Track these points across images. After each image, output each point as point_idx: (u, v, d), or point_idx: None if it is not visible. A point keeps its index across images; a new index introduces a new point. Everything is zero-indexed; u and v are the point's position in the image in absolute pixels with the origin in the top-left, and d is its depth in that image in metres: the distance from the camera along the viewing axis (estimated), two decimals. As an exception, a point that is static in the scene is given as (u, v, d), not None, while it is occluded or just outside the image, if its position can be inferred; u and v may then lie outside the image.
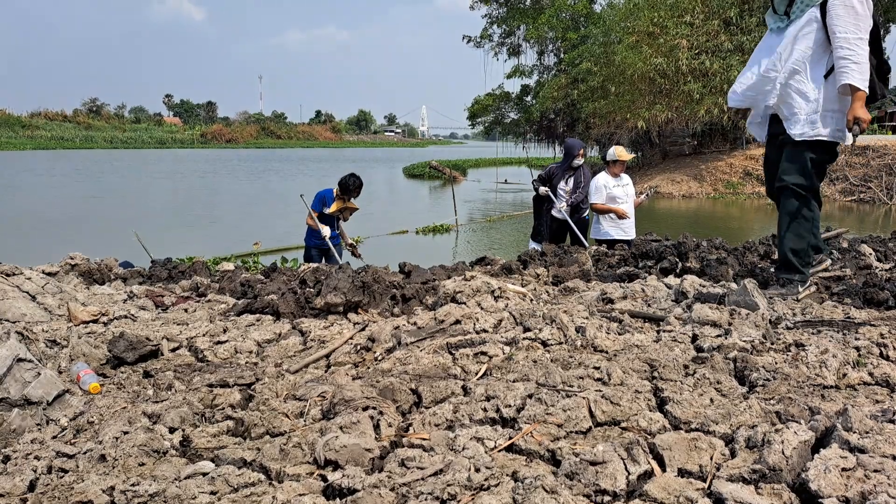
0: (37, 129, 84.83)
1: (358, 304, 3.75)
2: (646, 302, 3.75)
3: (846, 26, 3.45)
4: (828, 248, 4.28)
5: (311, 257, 8.11)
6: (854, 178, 25.98)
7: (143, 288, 4.57)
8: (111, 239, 14.25)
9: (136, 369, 2.98)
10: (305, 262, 8.12)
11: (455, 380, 2.60)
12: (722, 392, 2.40)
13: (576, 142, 8.10)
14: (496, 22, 42.45)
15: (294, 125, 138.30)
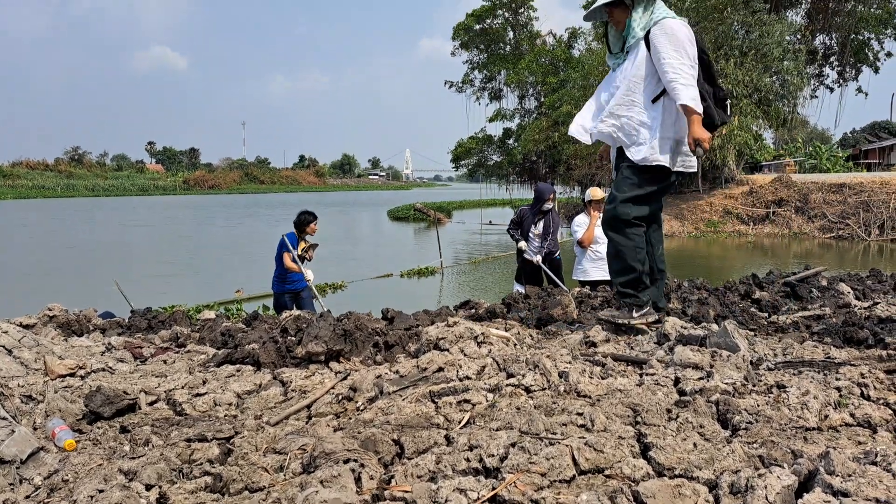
0: (18, 179, 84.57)
1: (340, 352, 3.72)
2: (628, 345, 3.75)
3: (668, 52, 3.54)
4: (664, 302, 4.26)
5: (284, 304, 8.05)
6: (832, 215, 26.36)
7: (121, 339, 4.52)
8: (92, 288, 14.13)
9: (113, 424, 2.92)
10: (276, 309, 8.07)
11: (438, 429, 2.57)
12: (705, 436, 2.39)
13: (546, 187, 8.18)
14: (477, 67, 43.21)
15: (277, 170, 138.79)
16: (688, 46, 3.56)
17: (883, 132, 67.24)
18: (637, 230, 3.90)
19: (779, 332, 4.18)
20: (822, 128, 65.71)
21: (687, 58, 3.52)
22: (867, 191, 26.48)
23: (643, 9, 3.69)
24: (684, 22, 3.67)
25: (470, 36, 41.89)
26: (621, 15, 3.77)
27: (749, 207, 28.63)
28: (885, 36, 34.38)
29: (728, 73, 27.12)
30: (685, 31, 3.59)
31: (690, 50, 3.56)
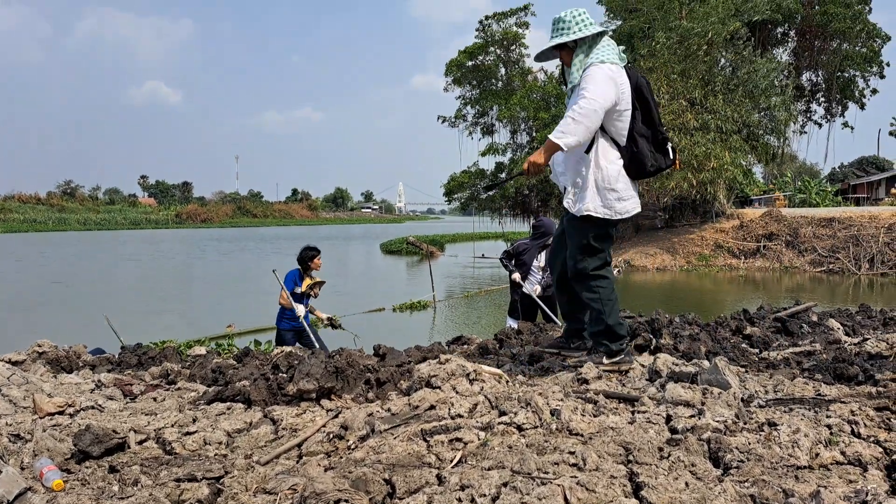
0: (9, 213, 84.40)
1: (331, 389, 3.71)
2: (620, 381, 3.75)
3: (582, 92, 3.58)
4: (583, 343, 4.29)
5: (286, 340, 7.96)
6: (822, 249, 26.54)
7: (111, 376, 4.49)
8: (82, 324, 14.04)
9: (102, 464, 2.89)
10: (278, 345, 7.99)
11: (429, 468, 2.56)
12: (696, 475, 2.39)
13: (551, 222, 8.13)
14: (470, 103, 43.62)
15: (270, 204, 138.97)
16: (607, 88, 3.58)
17: (871, 167, 68.07)
18: (600, 282, 3.93)
19: (770, 368, 4.19)
20: (810, 162, 66.45)
21: (595, 95, 3.54)
22: (856, 225, 26.71)
23: (584, 53, 3.76)
24: (617, 67, 3.70)
25: (462, 72, 42.35)
26: (567, 57, 3.85)
27: (740, 241, 28.81)
28: (870, 73, 34.97)
29: (717, 109, 27.50)
30: (609, 75, 3.62)
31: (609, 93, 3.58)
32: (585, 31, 3.72)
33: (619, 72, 3.66)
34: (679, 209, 32.46)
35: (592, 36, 3.75)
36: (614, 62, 3.67)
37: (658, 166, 3.77)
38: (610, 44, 3.78)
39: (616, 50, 3.75)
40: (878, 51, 33.94)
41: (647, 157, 3.71)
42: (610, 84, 3.57)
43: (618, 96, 3.61)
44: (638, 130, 3.70)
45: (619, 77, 3.64)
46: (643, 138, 3.70)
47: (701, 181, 27.08)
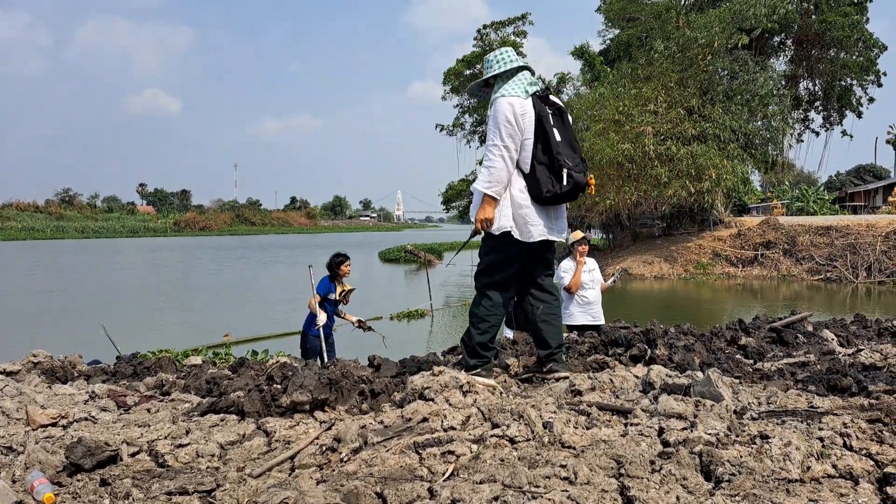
0: (7, 220, 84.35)
1: (325, 401, 3.70)
2: (614, 393, 3.75)
3: (489, 134, 3.88)
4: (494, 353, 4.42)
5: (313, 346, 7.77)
6: (820, 257, 26.57)
7: (105, 387, 4.48)
8: (79, 333, 14.02)
9: (94, 476, 2.89)
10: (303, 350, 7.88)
11: (421, 481, 2.56)
12: (688, 489, 2.39)
13: None
14: (467, 111, 43.75)
15: (269, 212, 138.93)
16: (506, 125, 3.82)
17: (868, 175, 68.24)
18: (488, 301, 4.14)
19: (764, 379, 4.19)
20: (808, 171, 66.63)
21: (500, 139, 3.81)
22: (854, 233, 26.74)
23: (498, 87, 4.01)
24: (520, 100, 3.89)
25: (460, 81, 42.53)
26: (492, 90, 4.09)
27: (737, 250, 28.83)
28: (867, 82, 35.10)
29: (715, 118, 27.56)
30: (507, 109, 3.84)
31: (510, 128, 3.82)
32: (502, 67, 4.01)
33: (521, 104, 3.88)
34: (677, 217, 32.51)
35: (510, 71, 4.01)
36: (517, 95, 3.89)
37: (554, 192, 3.91)
38: (521, 78, 3.99)
39: (524, 83, 3.96)
40: (874, 60, 34.07)
41: (544, 182, 3.89)
42: (511, 122, 3.82)
43: (520, 129, 3.85)
44: (537, 158, 3.90)
45: (520, 110, 3.86)
46: (542, 165, 3.90)
47: (699, 189, 27.13)
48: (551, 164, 3.89)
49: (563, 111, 4.04)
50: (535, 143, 3.89)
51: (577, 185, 3.92)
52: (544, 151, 3.90)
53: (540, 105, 3.92)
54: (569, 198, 3.98)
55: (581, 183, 3.95)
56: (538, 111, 3.89)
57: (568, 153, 3.92)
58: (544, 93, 4.03)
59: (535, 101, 3.92)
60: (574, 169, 3.91)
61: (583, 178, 3.96)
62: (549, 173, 3.89)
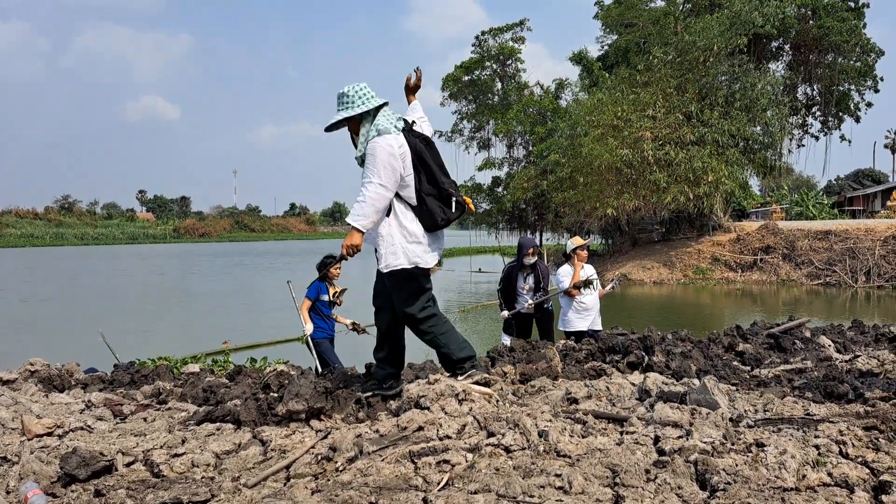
0: (6, 227, 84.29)
1: (321, 410, 3.70)
2: (610, 401, 3.75)
3: (366, 172, 3.94)
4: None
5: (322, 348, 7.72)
6: (819, 262, 26.56)
7: (101, 396, 4.48)
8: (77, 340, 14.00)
9: (88, 487, 2.88)
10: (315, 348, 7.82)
11: (416, 491, 2.56)
12: (683, 498, 2.39)
13: (527, 240, 8.07)
14: (466, 118, 43.76)
15: (268, 218, 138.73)
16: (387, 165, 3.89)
17: (867, 179, 68.29)
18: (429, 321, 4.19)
19: (760, 386, 4.18)
20: (807, 175, 66.65)
21: (377, 177, 3.88)
22: (852, 238, 26.71)
23: (368, 124, 4.06)
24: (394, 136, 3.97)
25: (459, 87, 42.54)
26: (354, 127, 4.13)
27: (737, 254, 28.81)
28: (865, 87, 35.14)
29: (713, 123, 27.57)
30: (387, 149, 3.91)
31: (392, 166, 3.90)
32: (368, 104, 4.04)
33: (397, 142, 3.97)
34: (676, 222, 32.48)
35: (375, 108, 4.06)
36: (391, 133, 3.96)
37: (447, 219, 4.07)
38: (388, 115, 4.08)
39: (392, 120, 4.05)
40: (872, 65, 34.11)
41: (437, 212, 4.03)
42: (391, 160, 3.90)
43: (401, 166, 3.94)
44: (424, 191, 4.02)
45: (398, 148, 3.95)
46: (430, 196, 4.03)
47: (698, 194, 27.12)
48: (440, 194, 4.04)
49: (429, 140, 4.18)
50: (416, 176, 4.01)
51: (464, 208, 4.11)
52: (430, 182, 4.03)
53: (412, 139, 4.04)
54: (452, 221, 4.13)
55: (463, 205, 4.11)
56: (413, 145, 4.02)
57: (448, 180, 4.09)
58: (408, 124, 4.14)
59: (407, 136, 4.03)
60: (457, 194, 4.09)
61: (463, 200, 4.13)
62: (438, 202, 4.04)
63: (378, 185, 3.86)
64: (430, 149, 4.11)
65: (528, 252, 7.75)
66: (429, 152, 4.07)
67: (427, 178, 4.03)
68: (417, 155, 4.01)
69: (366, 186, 3.89)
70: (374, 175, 3.87)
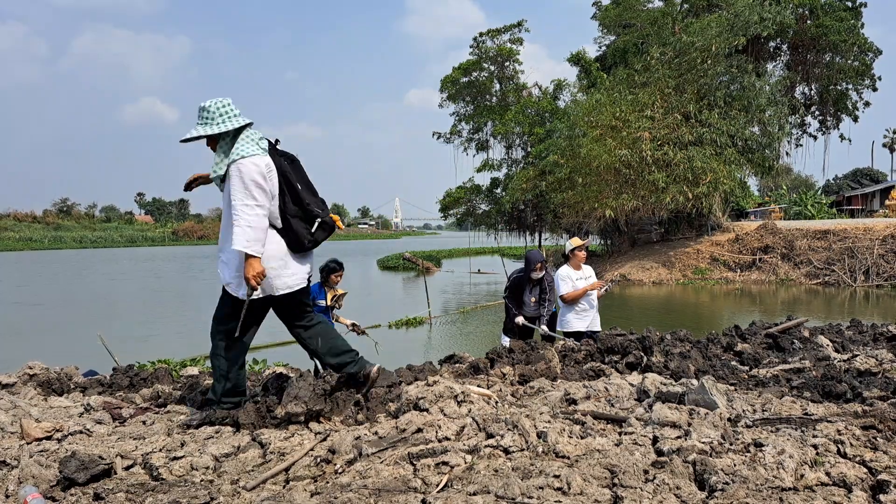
0: (4, 231, 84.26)
1: (320, 412, 3.70)
2: (609, 401, 3.75)
3: (236, 195, 3.77)
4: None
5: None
6: (818, 261, 26.57)
7: (100, 399, 4.47)
8: (76, 343, 13.99)
9: (87, 490, 2.88)
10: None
11: (415, 493, 2.56)
12: (681, 498, 2.39)
13: (535, 255, 8.01)
14: (464, 119, 43.75)
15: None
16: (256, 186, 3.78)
17: (865, 179, 68.34)
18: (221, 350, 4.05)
19: (759, 386, 4.19)
20: (805, 175, 66.70)
21: (251, 199, 3.75)
22: (851, 237, 26.73)
23: (228, 145, 3.92)
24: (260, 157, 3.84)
25: (457, 88, 42.55)
26: (213, 144, 4.00)
27: (735, 254, 28.82)
28: (863, 87, 35.19)
29: (712, 123, 27.59)
30: (255, 169, 3.79)
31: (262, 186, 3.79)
32: (229, 123, 3.89)
33: (265, 162, 3.85)
34: (675, 223, 32.50)
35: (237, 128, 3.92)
36: (256, 153, 3.84)
37: (314, 240, 4.00)
38: (252, 135, 3.94)
39: (255, 139, 3.92)
40: (869, 64, 34.16)
41: (303, 234, 3.95)
42: (260, 181, 3.79)
43: (269, 187, 3.83)
44: (289, 212, 3.92)
45: (264, 169, 3.83)
46: (296, 218, 3.93)
47: (696, 195, 27.14)
48: (305, 215, 3.95)
49: (295, 159, 4.08)
50: (282, 197, 3.91)
51: (330, 228, 4.04)
52: (295, 203, 3.94)
53: (278, 159, 3.94)
54: (319, 242, 4.06)
55: (331, 224, 4.05)
56: (279, 166, 3.92)
57: (314, 200, 4.01)
58: (272, 144, 4.04)
59: (273, 156, 3.93)
60: (323, 215, 4.00)
61: (331, 220, 4.06)
62: (304, 223, 3.95)
63: (255, 206, 3.76)
64: (295, 168, 4.02)
65: (536, 267, 7.75)
66: (294, 172, 3.99)
67: (292, 198, 3.93)
68: (283, 175, 3.91)
69: (243, 211, 3.75)
70: (247, 198, 3.75)
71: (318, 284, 7.92)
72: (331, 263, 7.92)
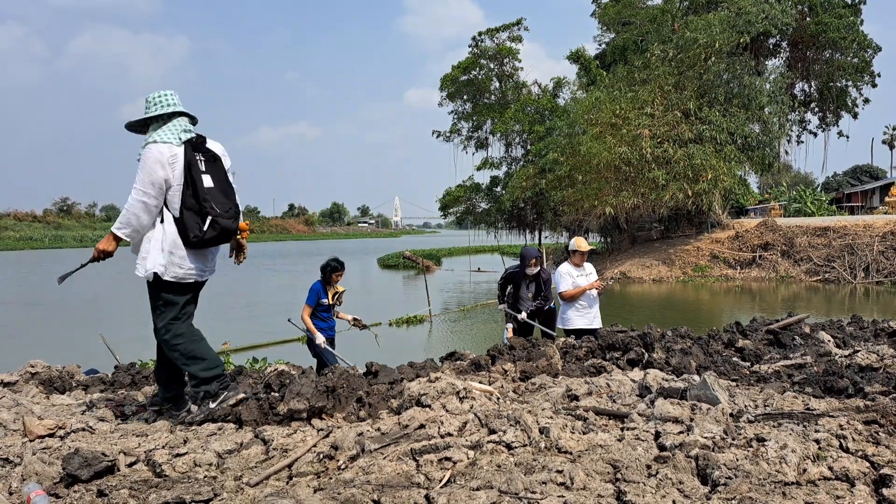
0: (5, 230, 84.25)
1: (322, 409, 3.71)
2: (610, 397, 3.76)
3: (136, 178, 3.91)
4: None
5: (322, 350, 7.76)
6: (818, 258, 26.58)
7: (103, 397, 4.48)
8: (77, 342, 14.00)
9: (90, 487, 2.89)
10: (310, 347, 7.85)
11: (418, 488, 2.56)
12: (684, 493, 2.40)
13: (530, 252, 8.01)
14: (464, 118, 43.73)
15: (267, 219, 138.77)
16: (155, 171, 3.87)
17: (864, 176, 68.34)
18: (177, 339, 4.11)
19: (760, 381, 4.19)
20: (805, 172, 66.68)
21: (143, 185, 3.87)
22: (851, 234, 26.74)
23: (152, 131, 4.05)
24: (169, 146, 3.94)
25: (456, 87, 42.52)
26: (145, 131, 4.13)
27: (735, 252, 28.83)
28: (862, 83, 35.19)
29: (712, 120, 27.60)
30: (155, 156, 3.89)
31: (157, 174, 3.88)
32: (155, 110, 4.06)
33: (171, 151, 3.93)
34: (675, 220, 32.49)
35: (166, 115, 4.06)
36: (168, 142, 3.94)
37: (200, 238, 3.98)
38: (176, 124, 4.05)
39: (178, 130, 4.02)
40: (869, 61, 34.15)
41: (192, 227, 3.96)
42: (156, 168, 3.87)
43: (168, 176, 3.90)
44: (186, 204, 3.96)
45: (169, 158, 3.91)
46: (189, 211, 3.96)
47: (696, 192, 27.13)
48: (199, 210, 3.97)
49: (218, 157, 4.12)
50: (184, 189, 3.95)
51: (224, 230, 4.03)
52: (193, 197, 3.97)
53: (191, 153, 3.99)
54: (216, 242, 4.08)
55: (229, 229, 4.05)
56: (188, 158, 3.96)
57: (219, 200, 4.03)
58: (199, 139, 4.09)
59: (188, 148, 3.98)
60: (223, 215, 4.02)
61: (231, 224, 4.07)
62: (196, 219, 3.97)
63: (140, 191, 3.86)
64: (211, 166, 4.06)
65: (531, 263, 7.75)
66: (207, 169, 4.03)
67: (192, 192, 3.96)
68: (187, 167, 3.96)
69: (132, 196, 3.88)
70: (138, 182, 3.87)
71: (321, 283, 7.93)
72: (332, 262, 7.93)
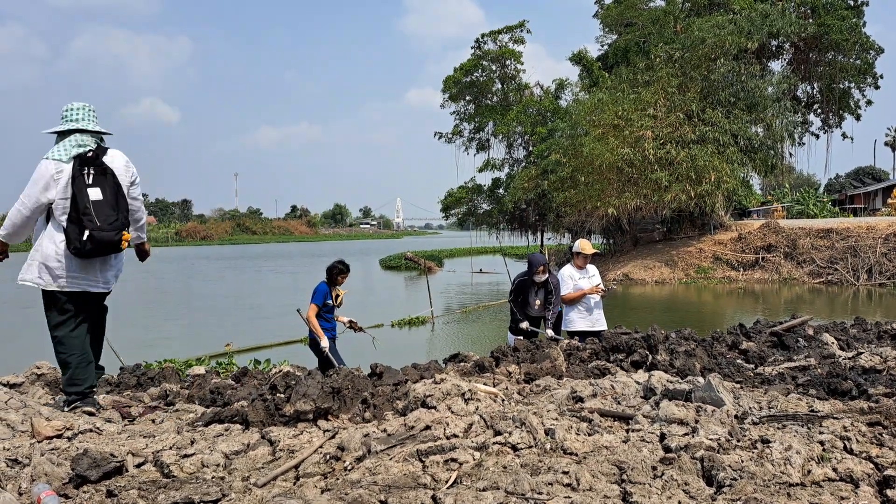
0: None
1: (328, 410, 3.72)
2: (615, 399, 3.77)
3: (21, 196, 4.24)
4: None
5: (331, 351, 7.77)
6: (820, 260, 26.56)
7: (109, 398, 4.50)
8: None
9: (100, 488, 2.91)
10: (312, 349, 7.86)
11: (425, 489, 2.58)
12: (690, 494, 2.41)
13: (537, 258, 7.97)
14: (465, 119, 43.74)
15: (269, 220, 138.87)
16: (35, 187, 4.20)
17: (867, 177, 68.28)
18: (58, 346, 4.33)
19: (764, 383, 4.21)
20: (808, 173, 66.63)
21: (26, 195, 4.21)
22: (854, 236, 26.72)
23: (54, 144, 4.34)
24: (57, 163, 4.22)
25: (459, 88, 42.53)
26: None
27: (738, 253, 28.82)
28: (865, 85, 35.19)
29: (715, 122, 27.60)
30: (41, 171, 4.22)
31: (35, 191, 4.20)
32: (60, 126, 4.38)
33: (57, 168, 4.22)
34: (677, 222, 32.48)
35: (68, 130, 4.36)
36: (57, 159, 4.23)
37: (80, 248, 4.19)
38: (71, 140, 4.33)
39: (69, 147, 4.30)
40: (871, 63, 34.16)
41: (72, 237, 4.20)
42: (41, 182, 4.19)
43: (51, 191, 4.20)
44: (70, 216, 4.22)
45: (54, 174, 4.21)
46: (72, 223, 4.21)
47: (699, 193, 27.13)
48: (79, 223, 4.19)
49: (110, 171, 4.33)
50: (71, 202, 4.20)
51: (100, 243, 4.21)
52: (74, 210, 4.21)
53: (77, 168, 4.22)
54: (96, 253, 4.26)
55: (104, 241, 4.21)
56: (73, 174, 4.21)
57: (105, 212, 4.25)
58: (93, 154, 4.30)
59: (76, 164, 4.22)
60: (101, 228, 4.20)
61: (110, 237, 4.24)
62: (77, 231, 4.19)
63: (22, 201, 4.20)
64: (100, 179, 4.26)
65: (538, 270, 7.72)
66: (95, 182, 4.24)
67: (73, 206, 4.19)
68: (73, 181, 4.19)
69: (17, 203, 4.22)
70: (23, 193, 4.19)
71: (326, 284, 7.96)
72: (339, 265, 7.96)
